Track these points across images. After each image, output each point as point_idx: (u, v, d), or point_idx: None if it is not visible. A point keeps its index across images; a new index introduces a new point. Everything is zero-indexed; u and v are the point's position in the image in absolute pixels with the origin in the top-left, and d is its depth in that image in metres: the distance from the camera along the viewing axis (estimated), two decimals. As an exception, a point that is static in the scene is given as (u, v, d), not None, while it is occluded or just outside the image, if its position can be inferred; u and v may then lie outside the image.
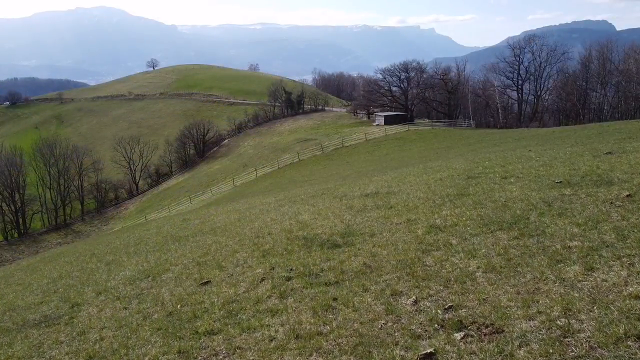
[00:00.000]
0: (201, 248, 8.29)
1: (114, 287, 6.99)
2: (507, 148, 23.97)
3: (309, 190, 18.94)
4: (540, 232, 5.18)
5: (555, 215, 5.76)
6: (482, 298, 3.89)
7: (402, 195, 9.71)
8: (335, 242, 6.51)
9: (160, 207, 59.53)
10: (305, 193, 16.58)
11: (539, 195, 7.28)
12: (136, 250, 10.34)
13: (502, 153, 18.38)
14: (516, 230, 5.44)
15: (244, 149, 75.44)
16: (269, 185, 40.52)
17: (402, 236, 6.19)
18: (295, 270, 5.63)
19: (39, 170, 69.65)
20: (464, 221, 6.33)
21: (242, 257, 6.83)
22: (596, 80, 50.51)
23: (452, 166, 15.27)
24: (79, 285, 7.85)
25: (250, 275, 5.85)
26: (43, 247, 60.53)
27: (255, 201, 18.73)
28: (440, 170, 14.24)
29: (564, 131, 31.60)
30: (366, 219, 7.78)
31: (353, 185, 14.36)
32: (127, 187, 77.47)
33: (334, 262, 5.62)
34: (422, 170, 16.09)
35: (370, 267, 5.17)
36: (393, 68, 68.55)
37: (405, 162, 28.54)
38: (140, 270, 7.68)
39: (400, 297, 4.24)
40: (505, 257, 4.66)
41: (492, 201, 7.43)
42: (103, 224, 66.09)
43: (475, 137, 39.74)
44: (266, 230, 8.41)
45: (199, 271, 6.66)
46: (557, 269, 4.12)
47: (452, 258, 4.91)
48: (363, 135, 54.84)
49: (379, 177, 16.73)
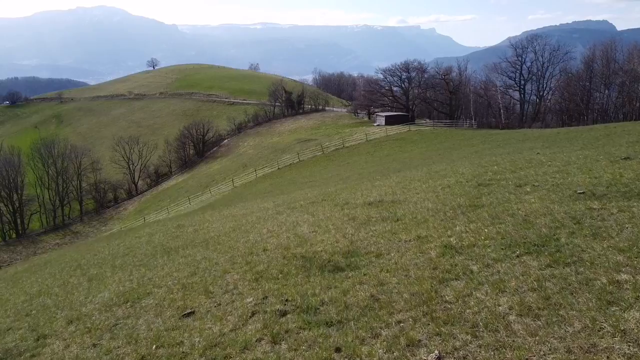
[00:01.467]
0: (189, 266, 7.55)
1: (88, 314, 6.25)
2: (512, 150, 23.23)
3: (308, 194, 18.23)
4: (577, 259, 4.43)
5: (588, 236, 5.03)
6: (524, 358, 3.12)
7: (408, 205, 8.98)
8: (338, 264, 5.76)
9: (159, 208, 58.85)
10: (304, 198, 15.86)
11: (562, 209, 6.55)
12: (122, 264, 9.62)
13: (509, 156, 17.64)
14: (546, 255, 4.69)
15: (243, 149, 74.72)
16: (269, 186, 39.82)
17: (413, 258, 5.45)
18: (292, 301, 4.86)
19: (37, 170, 68.95)
20: (482, 240, 5.60)
21: (233, 280, 6.08)
22: (600, 81, 49.67)
23: (459, 170, 14.54)
24: (54, 308, 7.13)
25: (239, 306, 5.09)
26: (41, 248, 59.88)
27: (252, 206, 18.02)
28: (447, 176, 13.51)
29: (569, 132, 30.82)
30: (371, 233, 7.04)
31: (355, 191, 13.64)
32: (126, 188, 76.76)
33: (336, 292, 4.86)
34: (426, 175, 15.36)
35: (378, 300, 4.41)
36: (394, 68, 67.81)
37: (407, 163, 27.79)
38: (120, 292, 6.93)
39: (418, 350, 3.45)
40: (541, 293, 3.88)
41: (511, 215, 6.70)
42: (102, 225, 65.39)
43: (478, 138, 38.97)
44: (261, 246, 7.67)
45: (183, 297, 5.90)
46: (612, 315, 3.35)
47: (476, 292, 4.14)
48: (364, 136, 54.07)
49: (381, 182, 16.00)
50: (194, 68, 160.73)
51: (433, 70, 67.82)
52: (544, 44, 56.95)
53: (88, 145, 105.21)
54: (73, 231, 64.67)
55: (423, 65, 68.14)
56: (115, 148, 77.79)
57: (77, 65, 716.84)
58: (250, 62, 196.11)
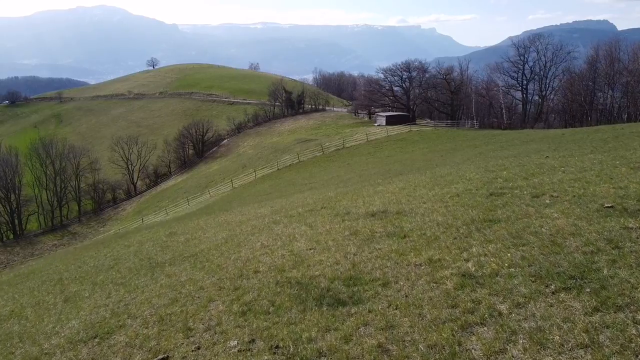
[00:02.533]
0: (172, 289, 6.76)
1: (49, 353, 5.46)
2: (518, 152, 22.39)
3: (308, 199, 17.46)
4: (630, 301, 3.62)
5: (635, 267, 4.24)
6: None
7: (415, 218, 8.19)
8: (338, 296, 4.96)
9: (158, 209, 58.15)
10: (303, 204, 15.08)
11: (593, 228, 5.76)
12: (104, 280, 8.86)
13: (517, 159, 16.84)
14: (590, 293, 3.89)
15: (243, 150, 73.96)
16: (268, 187, 39.09)
17: (427, 290, 4.66)
18: (283, 348, 4.05)
19: (35, 170, 68.20)
20: (506, 268, 4.82)
21: (217, 313, 5.28)
22: (603, 81, 48.76)
23: (466, 176, 13.76)
24: (17, 339, 6.36)
25: (221, 352, 4.26)
26: (38, 249, 59.16)
27: (249, 212, 17.26)
28: (454, 182, 12.71)
29: (575, 133, 29.91)
30: (375, 254, 6.26)
31: (356, 197, 12.86)
32: (125, 188, 76.00)
33: (336, 336, 4.05)
34: (432, 180, 14.59)
35: (388, 352, 3.61)
36: (395, 67, 66.99)
37: (409, 165, 26.98)
38: (91, 323, 6.13)
39: None
40: (596, 353, 3.06)
41: (534, 234, 5.91)
42: (100, 225, 64.65)
43: (480, 139, 38.16)
44: (253, 266, 6.89)
45: (158, 334, 5.09)
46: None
47: (511, 348, 3.29)
48: (364, 136, 53.32)
49: (384, 187, 15.22)
50: (193, 68, 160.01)
51: (434, 70, 67.00)
52: (546, 44, 56.08)
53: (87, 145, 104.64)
54: (71, 232, 63.94)
55: (424, 65, 67.30)
56: (113, 148, 76.99)
57: (77, 64, 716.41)
58: (250, 62, 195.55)
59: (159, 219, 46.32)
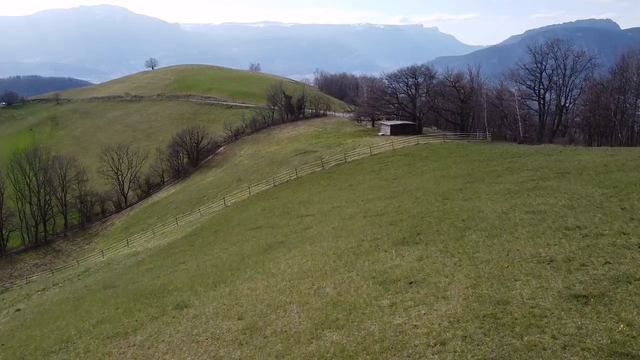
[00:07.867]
0: None
1: None
2: (571, 204, 13.63)
3: (295, 268, 13.73)
4: None
5: None
6: None
7: None
8: None
9: (146, 226, 54.66)
10: (288, 285, 11.25)
11: None
12: None
13: (586, 239, 10.20)
14: None
15: (239, 159, 70.27)
16: (260, 212, 35.39)
17: None
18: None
19: (18, 183, 64.58)
20: None
21: None
22: (635, 93, 44.30)
23: (513, 248, 10.00)
24: None
25: None
26: (18, 269, 55.62)
27: (229, 259, 13.46)
28: (494, 259, 8.79)
29: (620, 163, 20.89)
30: None
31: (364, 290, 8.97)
32: (115, 200, 72.34)
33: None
34: (458, 247, 10.78)
35: None
36: (400, 73, 63.00)
37: (421, 199, 22.72)
38: None
39: None
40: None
41: None
42: (85, 242, 61.05)
43: (498, 160, 33.95)
44: None
45: None
46: None
47: None
48: (368, 149, 49.52)
49: (395, 260, 11.44)
50: (192, 69, 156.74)
51: (442, 76, 62.95)
52: (565, 50, 51.70)
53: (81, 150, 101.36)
54: (55, 249, 60.35)
55: (431, 71, 63.28)
56: (102, 157, 73.23)
57: (79, 63, 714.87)
58: (251, 62, 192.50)
59: (134, 249, 42.85)
